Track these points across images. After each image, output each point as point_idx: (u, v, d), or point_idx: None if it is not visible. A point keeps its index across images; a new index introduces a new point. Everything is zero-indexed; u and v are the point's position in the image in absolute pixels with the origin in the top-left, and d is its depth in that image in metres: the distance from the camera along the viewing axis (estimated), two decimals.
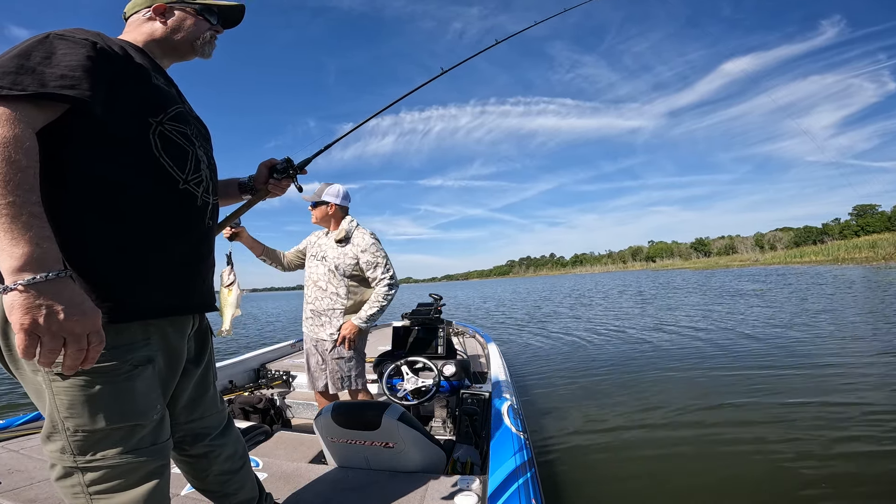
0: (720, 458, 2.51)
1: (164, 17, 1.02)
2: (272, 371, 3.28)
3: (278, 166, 1.27)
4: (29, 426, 1.98)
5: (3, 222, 0.62)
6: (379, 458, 1.56)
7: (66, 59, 0.75)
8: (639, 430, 2.99)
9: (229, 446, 1.12)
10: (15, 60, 0.72)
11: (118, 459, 0.79)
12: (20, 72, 0.71)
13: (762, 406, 3.30)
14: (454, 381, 2.47)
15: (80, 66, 0.76)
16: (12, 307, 0.62)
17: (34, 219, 0.65)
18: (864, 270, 23.07)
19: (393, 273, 2.22)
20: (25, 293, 0.62)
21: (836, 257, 49.42)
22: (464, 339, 4.26)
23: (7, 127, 0.66)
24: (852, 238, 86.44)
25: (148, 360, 0.83)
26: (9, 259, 0.62)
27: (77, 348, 0.66)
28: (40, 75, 0.72)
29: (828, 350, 5.03)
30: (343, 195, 2.26)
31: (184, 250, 0.92)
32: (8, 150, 0.65)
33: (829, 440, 2.62)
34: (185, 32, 1.04)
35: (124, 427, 0.79)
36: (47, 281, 0.63)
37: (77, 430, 0.76)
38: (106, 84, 0.79)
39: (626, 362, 5.22)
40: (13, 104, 0.68)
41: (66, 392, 0.75)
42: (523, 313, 13.14)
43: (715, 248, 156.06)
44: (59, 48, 0.76)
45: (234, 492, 1.12)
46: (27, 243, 0.63)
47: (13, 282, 0.61)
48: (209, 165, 1.01)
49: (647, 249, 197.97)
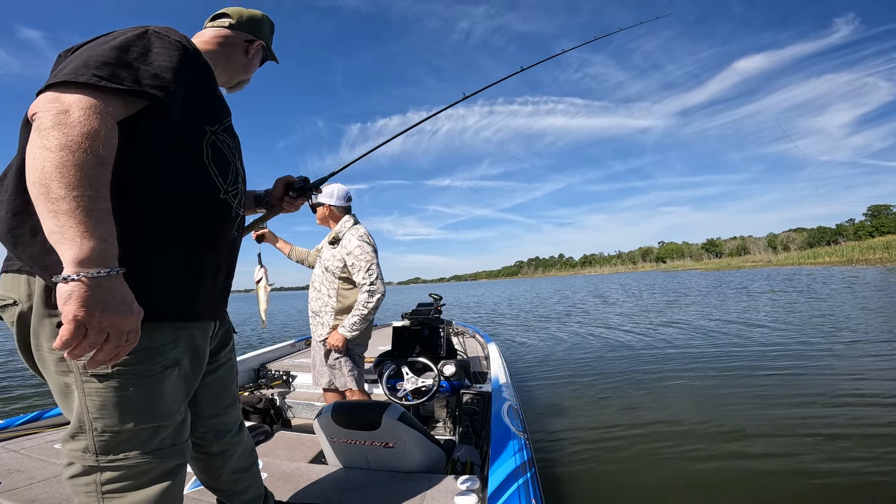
0: (721, 458, 2.50)
1: (249, 54, 1.13)
2: (272, 371, 3.27)
3: (295, 184, 1.29)
4: (29, 426, 1.98)
5: (79, 214, 0.62)
6: (379, 458, 1.56)
7: (160, 58, 0.77)
8: (639, 430, 2.99)
9: (243, 444, 1.14)
10: (115, 52, 0.72)
11: (139, 459, 0.79)
12: (118, 64, 0.71)
13: (766, 407, 3.30)
14: (454, 381, 2.47)
15: (170, 68, 0.77)
16: (70, 297, 0.62)
17: (106, 215, 0.66)
18: (878, 272, 23.04)
19: (375, 279, 2.11)
20: (87, 286, 0.62)
21: (850, 258, 49.47)
22: (464, 339, 4.26)
23: (98, 120, 0.66)
24: (867, 239, 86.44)
25: (176, 363, 0.84)
26: (76, 250, 0.62)
27: (116, 345, 0.67)
28: (136, 71, 0.73)
29: (842, 354, 5.02)
30: (339, 195, 2.26)
31: (217, 258, 0.94)
32: (96, 144, 0.65)
33: (833, 441, 2.62)
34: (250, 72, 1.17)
35: (150, 428, 0.80)
36: (108, 277, 0.64)
37: (104, 431, 0.76)
38: (185, 89, 0.81)
39: (626, 362, 5.22)
40: (105, 96, 0.69)
41: (98, 393, 0.75)
42: (539, 314, 13.14)
43: (727, 248, 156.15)
44: (155, 46, 0.77)
45: (243, 490, 1.14)
46: (96, 238, 0.64)
47: (76, 272, 0.62)
48: (243, 178, 1.04)
49: (657, 250, 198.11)
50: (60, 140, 0.62)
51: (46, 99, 0.66)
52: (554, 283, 62.31)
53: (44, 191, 0.62)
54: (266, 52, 1.22)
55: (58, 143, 0.62)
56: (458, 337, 4.15)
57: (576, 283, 45.63)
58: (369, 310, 2.09)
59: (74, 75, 0.67)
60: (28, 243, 0.72)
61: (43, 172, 0.62)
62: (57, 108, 0.64)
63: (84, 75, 0.67)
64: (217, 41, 1.07)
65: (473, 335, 4.51)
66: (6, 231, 0.72)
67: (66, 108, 0.64)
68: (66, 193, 0.62)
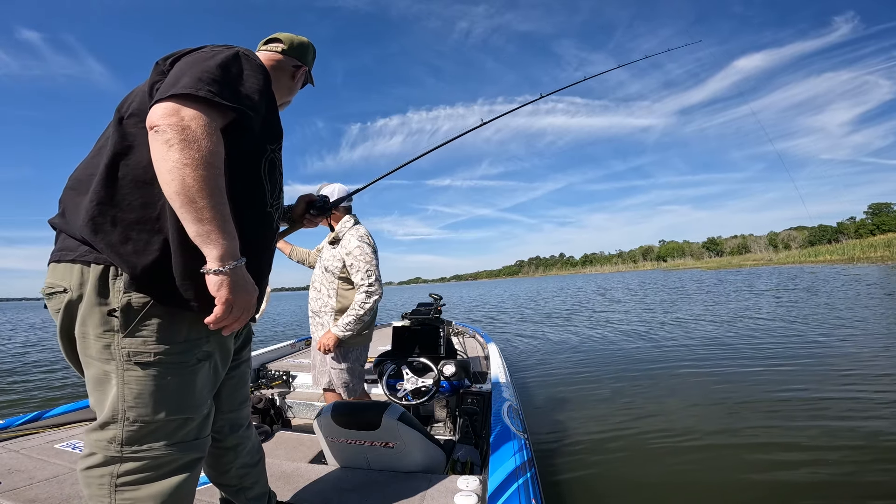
0: (722, 458, 2.50)
1: (294, 78, 1.21)
2: (272, 371, 3.27)
3: (317, 203, 1.38)
4: (29, 426, 1.98)
5: (218, 220, 0.75)
6: (379, 458, 1.57)
7: (251, 80, 0.85)
8: (639, 430, 2.99)
9: (252, 439, 1.17)
10: (220, 71, 0.80)
11: (162, 451, 0.82)
12: (224, 83, 0.79)
13: (769, 406, 3.29)
14: (454, 381, 2.47)
15: (258, 90, 0.86)
16: (221, 285, 0.77)
17: (230, 216, 0.78)
18: (881, 270, 23.02)
19: (373, 281, 2.08)
20: (231, 275, 0.77)
21: (851, 257, 49.45)
22: (464, 339, 4.26)
23: (215, 136, 0.76)
24: (868, 237, 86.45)
25: (208, 356, 0.89)
26: (220, 248, 0.76)
27: (248, 316, 0.84)
28: (236, 90, 0.81)
29: (850, 353, 5.02)
30: (340, 195, 2.26)
31: (258, 265, 0.99)
32: (219, 160, 0.76)
33: (837, 441, 2.62)
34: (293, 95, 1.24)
35: (179, 419, 0.84)
36: (240, 266, 0.79)
37: (136, 420, 0.80)
38: (264, 109, 0.89)
39: (627, 362, 5.22)
40: (214, 112, 0.76)
41: (137, 381, 0.79)
42: (544, 313, 13.14)
43: (728, 247, 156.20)
44: (246, 68, 0.86)
45: (250, 485, 1.16)
46: (230, 237, 0.77)
47: (222, 265, 0.76)
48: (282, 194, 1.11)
49: (658, 249, 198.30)
50: (195, 157, 0.72)
51: (168, 111, 0.73)
52: (555, 282, 62.35)
53: (188, 201, 0.72)
54: (308, 77, 1.29)
55: (193, 160, 0.72)
56: (458, 337, 4.15)
57: (578, 283, 45.63)
58: (365, 311, 2.07)
59: (194, 89, 0.74)
60: (108, 231, 0.79)
61: (185, 185, 0.71)
62: (178, 123, 0.72)
63: (202, 90, 0.75)
64: (270, 65, 1.14)
65: (473, 335, 4.51)
66: (88, 219, 0.79)
67: (187, 124, 0.72)
68: (207, 203, 0.73)
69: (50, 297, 0.83)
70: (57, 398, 4.72)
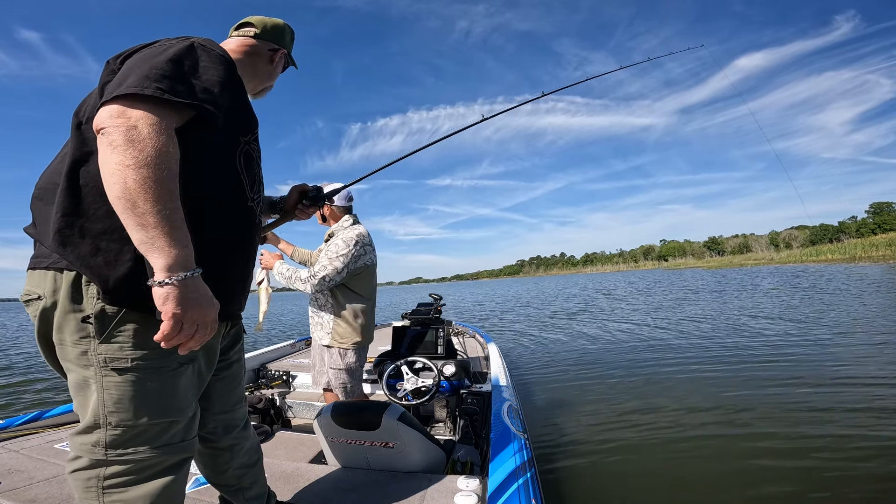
0: (722, 459, 2.50)
1: (273, 62, 1.15)
2: (272, 371, 3.27)
3: (309, 193, 1.34)
4: (29, 426, 1.98)
5: (164, 226, 0.69)
6: (379, 458, 1.56)
7: (209, 73, 0.80)
8: (639, 430, 2.99)
9: (249, 440, 1.16)
10: (171, 66, 0.74)
11: (147, 454, 0.81)
12: (175, 78, 0.74)
13: (769, 406, 3.29)
14: (454, 381, 2.47)
15: (218, 82, 0.81)
16: (167, 298, 0.70)
17: (183, 223, 0.72)
18: (882, 269, 22.97)
19: (327, 276, 2.03)
20: (179, 287, 0.71)
21: (852, 256, 49.41)
22: (464, 339, 4.26)
23: (165, 135, 0.70)
24: (869, 236, 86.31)
25: (191, 359, 0.87)
26: (166, 257, 0.69)
27: (203, 334, 0.76)
28: (191, 85, 0.76)
29: (850, 353, 5.01)
30: (341, 195, 2.26)
31: (241, 263, 0.97)
32: (169, 160, 0.70)
33: (838, 440, 2.62)
34: (273, 80, 1.19)
35: (162, 423, 0.82)
36: (192, 277, 0.73)
37: (118, 425, 0.78)
38: (228, 101, 0.84)
39: (627, 362, 5.22)
40: (166, 110, 0.71)
41: (116, 387, 0.77)
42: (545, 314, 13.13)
43: (729, 246, 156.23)
44: (203, 60, 0.81)
45: (249, 486, 1.15)
46: (180, 245, 0.71)
47: (169, 277, 0.70)
48: (263, 186, 1.07)
49: (659, 248, 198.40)
50: (137, 157, 0.67)
51: (113, 113, 0.68)
52: (557, 281, 62.29)
53: (130, 206, 0.67)
54: (287, 60, 1.25)
55: (135, 161, 0.67)
56: (458, 337, 4.15)
57: (580, 282, 45.57)
58: (296, 279, 2.06)
59: (140, 88, 0.69)
60: (77, 244, 0.76)
61: (126, 189, 0.66)
62: (125, 123, 0.67)
63: (148, 88, 0.69)
64: (243, 50, 1.09)
65: (473, 335, 4.51)
66: (55, 231, 0.76)
67: (133, 124, 0.68)
68: (152, 208, 0.67)
69: (27, 304, 0.82)
70: (57, 398, 4.72)
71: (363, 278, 2.17)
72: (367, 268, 2.17)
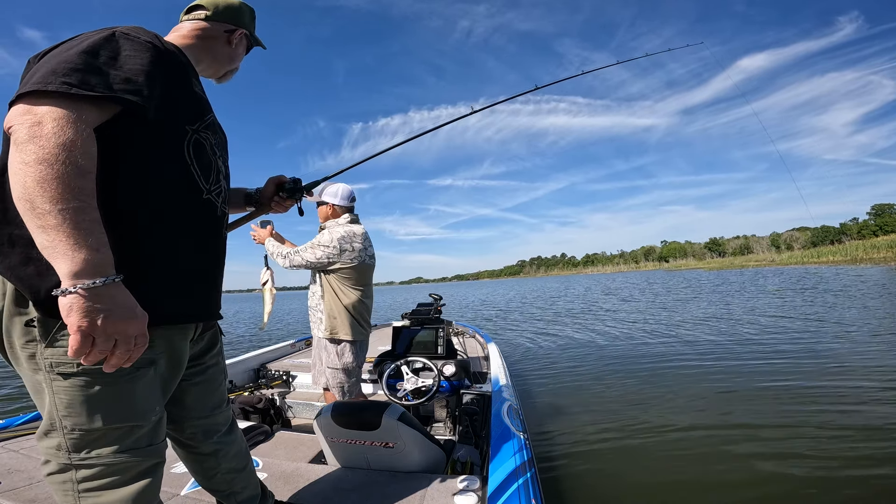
0: (723, 459, 2.50)
1: (231, 44, 1.08)
2: (272, 371, 3.27)
3: (286, 185, 1.29)
4: (29, 426, 1.98)
5: (67, 228, 0.63)
6: (379, 458, 1.56)
7: (131, 61, 0.75)
8: (640, 430, 2.98)
9: (236, 444, 1.14)
10: (83, 57, 0.70)
11: (113, 458, 0.79)
12: (88, 70, 0.69)
13: (771, 408, 3.29)
14: (454, 381, 2.47)
15: (143, 70, 0.76)
16: (71, 309, 0.63)
17: (95, 224, 0.66)
18: (883, 271, 22.94)
19: (300, 258, 2.12)
20: (85, 297, 0.63)
21: (854, 257, 49.42)
22: (464, 339, 4.26)
23: (73, 130, 0.65)
24: (871, 238, 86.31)
25: (150, 363, 0.83)
26: (70, 263, 0.63)
27: (126, 349, 0.69)
28: (106, 76, 0.71)
29: (852, 353, 4.99)
30: (343, 195, 2.26)
31: (203, 260, 0.93)
32: (74, 155, 0.65)
33: (839, 442, 2.61)
34: (237, 62, 1.13)
35: (122, 427, 0.79)
36: (105, 285, 0.66)
37: (74, 429, 0.76)
38: (161, 90, 0.79)
39: (627, 362, 5.22)
40: (77, 104, 0.67)
41: (66, 391, 0.75)
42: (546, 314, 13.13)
43: (730, 248, 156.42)
44: (125, 49, 0.76)
45: (239, 490, 1.14)
46: (88, 248, 0.64)
47: (73, 285, 0.63)
48: (226, 176, 1.02)
49: (660, 249, 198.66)
50: (37, 154, 0.62)
51: (18, 111, 0.65)
52: (558, 282, 62.26)
53: (29, 206, 0.62)
54: (251, 40, 1.18)
55: (35, 157, 0.62)
56: (458, 337, 4.15)
57: (583, 283, 45.54)
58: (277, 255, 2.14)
59: (43, 84, 0.65)
60: (6, 253, 0.71)
61: (25, 188, 0.62)
62: (30, 120, 0.64)
63: (53, 84, 0.65)
64: (196, 34, 1.03)
65: (473, 335, 4.51)
66: None
67: (38, 120, 0.64)
68: (52, 208, 0.62)
69: None
70: None
71: (355, 275, 2.18)
72: (358, 266, 2.17)
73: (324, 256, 2.11)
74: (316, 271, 2.21)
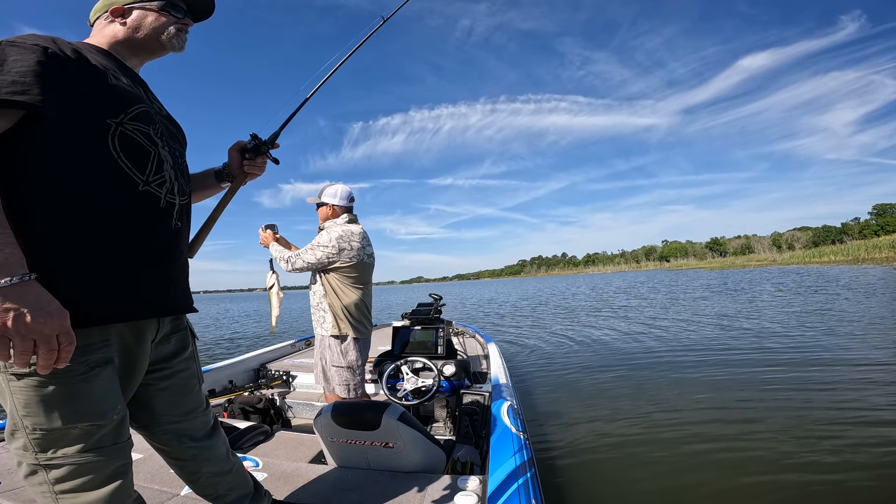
0: (723, 459, 2.50)
1: (123, 18, 1.02)
2: (272, 371, 3.28)
3: (248, 146, 1.26)
4: None
5: None
6: (379, 458, 1.56)
7: (17, 65, 0.74)
8: (640, 431, 2.99)
9: (217, 448, 1.13)
10: None
11: (80, 458, 0.79)
12: None
13: (773, 409, 3.29)
14: (454, 381, 2.47)
15: (30, 71, 0.75)
16: None
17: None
18: (886, 271, 22.93)
19: (305, 263, 2.15)
20: None
21: (855, 257, 49.40)
22: (464, 339, 4.26)
23: None
24: (872, 238, 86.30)
25: (106, 362, 0.83)
26: None
27: (47, 349, 0.68)
28: None
29: (854, 354, 4.98)
30: (342, 196, 2.26)
31: (148, 254, 0.90)
32: None
33: (839, 444, 2.61)
34: (147, 30, 1.03)
35: (82, 426, 0.80)
36: (11, 285, 0.66)
37: (35, 429, 0.77)
38: (59, 88, 0.78)
39: (627, 362, 5.22)
40: None
41: (21, 391, 0.76)
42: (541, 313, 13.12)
43: (731, 247, 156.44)
44: (11, 55, 0.75)
45: (225, 492, 1.15)
46: None
47: None
48: (175, 165, 0.99)
49: (661, 249, 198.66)
50: None
51: None
52: (559, 281, 62.22)
53: None
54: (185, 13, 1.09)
55: None
56: (458, 337, 4.15)
57: (585, 282, 45.50)
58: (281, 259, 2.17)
59: None
60: None
61: None
62: None
63: None
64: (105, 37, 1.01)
65: (473, 335, 4.51)
66: None
67: None
68: None
69: None
70: None
71: (354, 274, 2.19)
72: (357, 265, 2.18)
73: (323, 257, 2.12)
74: (316, 271, 2.22)
